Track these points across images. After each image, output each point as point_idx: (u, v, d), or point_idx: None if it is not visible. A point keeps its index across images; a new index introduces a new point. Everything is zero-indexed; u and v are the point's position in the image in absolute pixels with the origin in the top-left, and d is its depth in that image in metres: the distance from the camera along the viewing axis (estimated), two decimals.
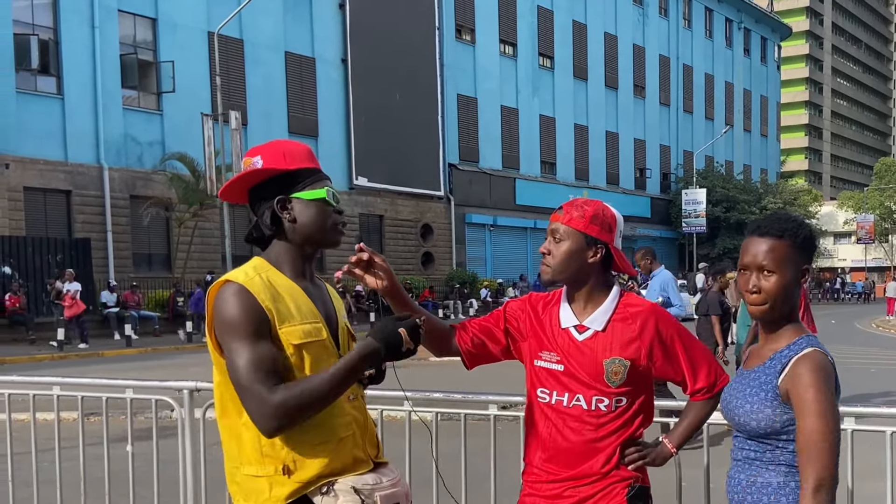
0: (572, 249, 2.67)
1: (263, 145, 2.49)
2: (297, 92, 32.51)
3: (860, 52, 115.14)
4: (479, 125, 40.84)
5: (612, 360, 2.64)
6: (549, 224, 2.74)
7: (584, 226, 2.67)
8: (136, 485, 4.73)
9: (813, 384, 2.19)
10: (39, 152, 25.03)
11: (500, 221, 41.29)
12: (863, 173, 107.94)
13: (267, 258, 2.44)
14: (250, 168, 2.42)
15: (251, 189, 2.47)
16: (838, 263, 76.07)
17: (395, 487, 2.45)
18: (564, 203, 2.77)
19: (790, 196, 56.76)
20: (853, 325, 32.01)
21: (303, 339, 2.32)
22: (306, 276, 2.48)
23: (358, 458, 2.43)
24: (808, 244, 2.34)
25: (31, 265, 23.66)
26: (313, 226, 2.43)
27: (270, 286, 2.33)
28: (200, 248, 28.25)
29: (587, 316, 2.71)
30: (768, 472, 2.29)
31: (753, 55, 64.36)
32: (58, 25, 25.64)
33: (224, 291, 2.28)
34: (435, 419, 4.33)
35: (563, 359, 2.70)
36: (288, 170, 2.42)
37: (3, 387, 5.16)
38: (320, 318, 2.42)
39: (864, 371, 16.11)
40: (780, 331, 2.34)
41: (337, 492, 2.34)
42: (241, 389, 2.23)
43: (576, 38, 46.76)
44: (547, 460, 2.73)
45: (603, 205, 2.75)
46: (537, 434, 2.77)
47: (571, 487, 2.69)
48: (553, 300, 2.82)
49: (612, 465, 2.67)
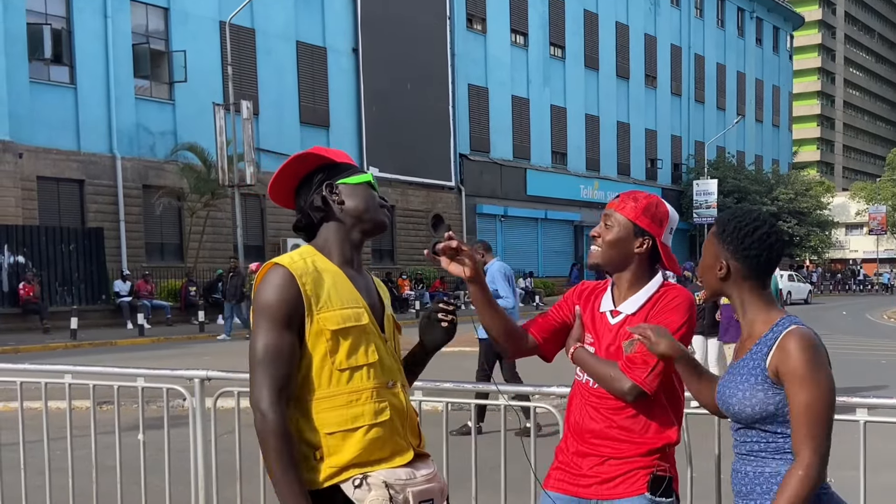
0: (620, 237, 2.77)
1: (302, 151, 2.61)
2: (308, 82, 32.50)
3: (873, 41, 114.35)
4: (490, 115, 40.75)
5: (632, 341, 2.66)
6: (605, 209, 2.84)
7: (635, 216, 2.76)
8: (148, 473, 4.76)
9: (803, 356, 2.19)
10: (52, 142, 25.11)
11: (511, 212, 41.23)
12: (875, 164, 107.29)
13: (315, 244, 2.51)
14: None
15: (297, 186, 2.57)
16: (850, 255, 75.76)
17: (429, 483, 2.44)
18: (623, 192, 2.87)
19: (802, 187, 56.44)
20: (864, 317, 31.90)
21: (340, 325, 2.36)
22: (353, 263, 2.53)
23: (397, 446, 2.43)
24: (730, 237, 2.35)
25: (44, 254, 23.76)
26: (361, 205, 2.49)
27: (315, 270, 2.39)
28: (212, 237, 28.32)
29: (624, 302, 2.80)
30: (775, 461, 2.29)
31: (765, 45, 63.98)
32: (70, 15, 25.68)
33: (269, 274, 2.36)
34: (445, 409, 4.33)
35: (596, 341, 2.81)
36: (332, 159, 2.54)
37: (16, 375, 5.19)
38: (362, 304, 2.45)
39: (874, 363, 16.06)
40: (755, 316, 2.36)
41: (370, 485, 2.34)
42: (252, 368, 2.32)
43: (587, 28, 46.57)
44: (576, 438, 2.81)
45: (658, 199, 2.84)
46: (572, 412, 2.86)
47: (596, 466, 2.75)
48: (602, 287, 2.92)
49: (635, 448, 2.71)
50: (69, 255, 24.28)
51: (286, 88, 31.69)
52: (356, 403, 2.36)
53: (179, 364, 9.89)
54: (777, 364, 2.22)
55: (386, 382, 2.43)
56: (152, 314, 23.97)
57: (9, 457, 5.20)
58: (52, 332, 21.63)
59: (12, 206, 23.79)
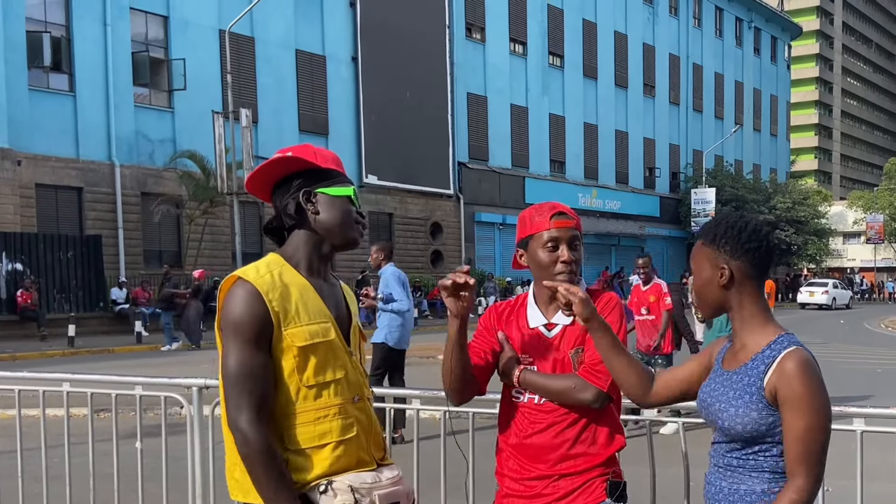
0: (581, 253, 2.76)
1: (293, 147, 2.53)
2: (307, 90, 32.54)
3: (871, 51, 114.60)
4: (489, 124, 40.80)
5: (578, 349, 2.66)
6: (563, 231, 2.70)
7: (583, 229, 2.77)
8: (145, 481, 4.76)
9: (803, 381, 2.16)
10: (51, 149, 25.12)
11: (510, 220, 41.14)
12: (873, 173, 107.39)
13: (283, 254, 2.45)
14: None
15: (277, 182, 2.50)
16: (848, 263, 75.77)
17: (395, 486, 2.42)
18: (559, 207, 2.75)
19: (799, 196, 56.48)
20: (862, 325, 31.90)
21: (307, 341, 2.32)
22: (321, 274, 2.48)
23: (361, 459, 2.41)
24: (724, 238, 2.31)
25: (42, 262, 23.75)
26: (336, 220, 2.44)
27: (281, 284, 2.34)
28: (211, 245, 28.31)
29: (555, 314, 2.73)
30: (751, 479, 2.25)
31: (763, 54, 64.12)
32: (70, 23, 25.71)
33: (235, 289, 2.31)
34: (443, 417, 4.34)
35: (535, 359, 2.72)
36: (317, 165, 2.44)
37: (14, 383, 5.19)
38: (330, 318, 2.41)
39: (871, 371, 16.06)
40: (753, 329, 2.31)
41: (335, 490, 2.32)
42: (226, 388, 2.28)
43: (586, 37, 46.66)
44: (523, 458, 2.73)
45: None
46: (512, 433, 2.76)
47: (551, 484, 2.69)
48: (516, 305, 2.85)
49: (590, 459, 2.67)
50: (67, 262, 24.27)
51: (285, 96, 31.73)
52: (324, 420, 2.34)
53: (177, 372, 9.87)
54: (776, 386, 2.18)
55: (352, 398, 2.41)
56: (150, 322, 23.94)
57: (6, 464, 5.20)
58: (49, 339, 21.58)
59: (11, 214, 23.79)
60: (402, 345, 9.24)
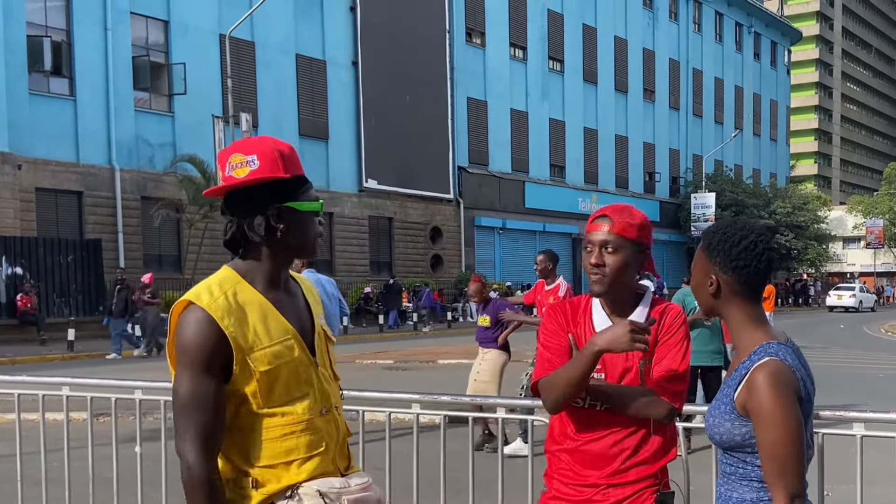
0: (628, 259, 2.67)
1: (253, 140, 2.35)
2: (307, 94, 32.56)
3: (870, 56, 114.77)
4: (489, 128, 40.82)
5: (646, 360, 2.65)
6: (594, 234, 2.69)
7: (637, 234, 2.68)
8: (145, 485, 4.75)
9: (767, 393, 2.12)
10: (51, 153, 25.13)
11: (510, 224, 41.26)
12: (872, 178, 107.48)
13: (237, 268, 2.34)
14: (244, 166, 2.27)
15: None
16: (847, 268, 75.83)
17: (364, 492, 2.38)
18: (606, 211, 2.72)
19: (799, 201, 56.51)
20: (862, 330, 31.89)
21: (271, 365, 2.25)
22: (279, 284, 2.38)
23: (326, 471, 2.36)
24: (716, 249, 2.29)
25: (42, 266, 23.76)
26: (302, 238, 2.34)
27: (237, 307, 2.25)
28: (211, 249, 28.27)
29: (620, 318, 2.67)
30: (742, 487, 2.25)
31: (763, 59, 64.20)
32: (70, 27, 25.75)
33: (186, 315, 2.22)
34: (443, 421, 4.33)
35: (604, 365, 2.68)
36: (285, 178, 2.29)
37: (13, 387, 5.19)
38: (292, 334, 2.33)
39: (872, 376, 16.05)
40: (743, 338, 2.29)
41: (301, 496, 2.28)
42: (175, 414, 2.25)
43: (586, 42, 46.73)
44: (578, 464, 2.72)
45: (638, 210, 2.77)
46: (567, 438, 2.75)
47: (602, 491, 2.68)
48: (580, 306, 2.81)
49: (643, 470, 2.67)
50: (67, 266, 24.28)
51: (285, 101, 31.75)
52: (290, 437, 2.29)
53: None
54: (745, 399, 2.17)
55: (319, 411, 2.35)
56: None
57: (6, 468, 5.19)
58: (49, 343, 21.60)
59: (11, 218, 23.80)
60: None
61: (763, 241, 2.28)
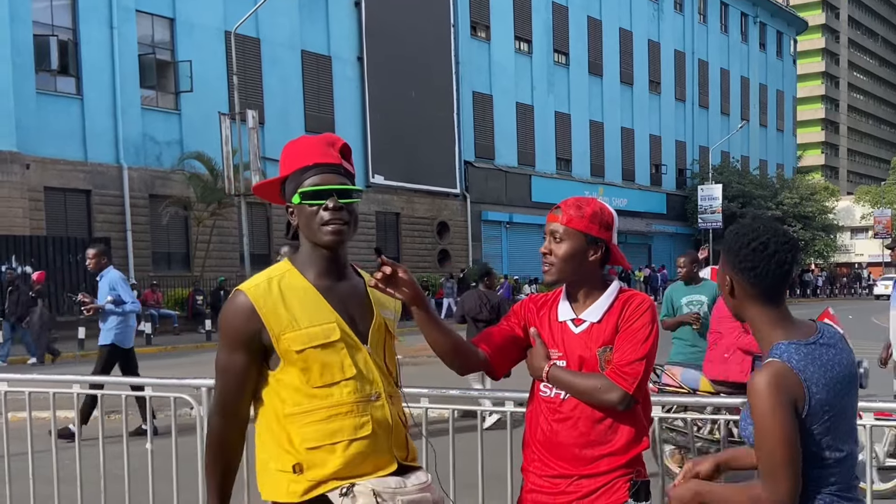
0: (574, 249, 2.73)
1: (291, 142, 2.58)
2: (313, 90, 32.58)
3: (876, 45, 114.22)
4: (495, 122, 40.78)
5: (605, 348, 2.67)
6: (548, 224, 2.79)
7: (584, 226, 2.73)
8: (156, 482, 4.78)
9: (759, 397, 2.11)
10: (59, 152, 25.19)
11: (516, 218, 41.22)
12: (880, 167, 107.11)
13: (292, 259, 2.50)
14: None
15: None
16: (856, 258, 75.62)
17: (421, 493, 2.38)
18: (561, 202, 2.81)
19: (806, 191, 56.35)
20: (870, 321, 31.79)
21: (305, 345, 2.35)
22: (331, 274, 2.47)
23: (380, 460, 2.39)
24: (729, 250, 2.29)
25: (51, 265, 23.78)
26: (306, 229, 2.45)
27: (278, 292, 2.39)
28: (219, 246, 28.39)
29: (585, 310, 2.75)
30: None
31: (769, 50, 63.97)
32: (77, 26, 25.78)
33: (230, 299, 2.44)
34: (452, 416, 4.35)
35: (564, 353, 2.73)
36: (283, 178, 2.48)
37: (24, 385, 5.22)
38: (334, 318, 2.40)
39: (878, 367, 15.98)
40: (762, 339, 2.28)
41: (356, 494, 2.31)
42: (216, 378, 2.48)
43: (591, 34, 46.61)
44: (548, 455, 2.74)
45: (600, 203, 2.81)
46: (538, 429, 2.78)
47: (574, 482, 2.70)
48: (552, 298, 2.86)
49: (614, 460, 2.68)
50: (76, 265, 24.32)
51: (291, 97, 31.77)
52: (335, 419, 2.35)
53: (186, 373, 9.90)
54: (748, 400, 2.18)
55: (369, 396, 2.40)
56: (160, 323, 23.99)
57: (18, 466, 5.22)
58: (59, 342, 21.64)
59: (20, 217, 23.87)
60: (128, 343, 9.79)
61: (776, 242, 2.24)
